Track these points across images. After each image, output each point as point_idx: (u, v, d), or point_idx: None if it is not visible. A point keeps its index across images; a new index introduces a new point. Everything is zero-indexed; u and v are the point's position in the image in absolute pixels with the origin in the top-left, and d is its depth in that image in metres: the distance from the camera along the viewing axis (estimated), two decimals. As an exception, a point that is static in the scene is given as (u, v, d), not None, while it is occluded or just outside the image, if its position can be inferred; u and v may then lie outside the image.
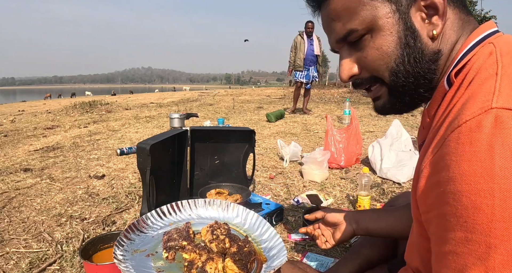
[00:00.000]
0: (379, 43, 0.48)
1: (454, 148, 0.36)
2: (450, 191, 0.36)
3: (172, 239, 0.58)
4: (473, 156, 0.34)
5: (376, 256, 1.02)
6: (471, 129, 0.36)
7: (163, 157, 1.56)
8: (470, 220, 0.34)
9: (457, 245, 0.36)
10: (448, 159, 0.37)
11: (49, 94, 27.54)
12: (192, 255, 0.55)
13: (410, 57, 0.48)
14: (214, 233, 0.59)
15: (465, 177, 0.35)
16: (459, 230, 0.35)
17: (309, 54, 5.30)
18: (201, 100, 9.76)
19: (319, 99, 9.20)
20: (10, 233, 1.52)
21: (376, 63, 0.50)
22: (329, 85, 15.93)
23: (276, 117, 4.91)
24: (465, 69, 0.44)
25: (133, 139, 3.72)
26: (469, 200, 0.34)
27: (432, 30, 0.47)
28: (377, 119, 4.80)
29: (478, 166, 0.34)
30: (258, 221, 0.69)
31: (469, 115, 0.37)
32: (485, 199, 0.33)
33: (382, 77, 0.51)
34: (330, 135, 2.42)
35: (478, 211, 0.34)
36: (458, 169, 0.35)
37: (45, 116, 6.39)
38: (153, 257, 0.57)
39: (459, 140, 0.36)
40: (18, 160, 2.86)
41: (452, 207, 0.36)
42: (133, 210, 1.76)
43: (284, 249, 0.61)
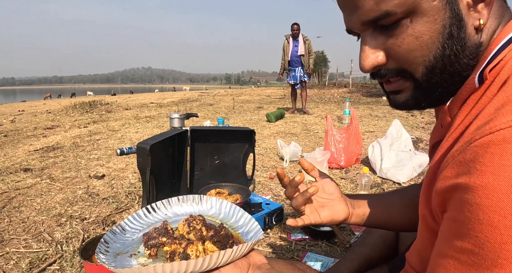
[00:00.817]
0: (420, 31, 0.41)
1: (481, 156, 0.33)
2: (467, 201, 0.33)
3: (152, 237, 0.59)
4: (501, 169, 0.31)
5: (376, 256, 1.02)
6: (505, 140, 0.31)
7: (163, 157, 1.56)
8: (482, 236, 0.32)
9: (463, 253, 0.34)
10: (472, 166, 0.33)
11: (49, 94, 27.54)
12: (173, 246, 0.56)
13: (452, 50, 0.41)
14: (191, 225, 0.61)
15: (486, 190, 0.31)
16: (467, 241, 0.33)
17: (293, 55, 5.43)
18: (201, 100, 9.76)
19: (319, 99, 9.21)
20: (10, 233, 1.52)
21: (411, 54, 0.42)
22: (329, 85, 15.94)
23: (276, 117, 4.91)
24: (498, 66, 0.39)
25: (133, 139, 3.72)
26: (485, 216, 0.31)
27: (478, 19, 0.41)
28: (377, 120, 4.80)
29: (505, 181, 0.30)
30: (232, 209, 0.71)
31: (505, 124, 0.32)
32: (504, 219, 0.30)
33: (413, 71, 0.44)
34: (330, 135, 2.42)
35: (493, 229, 0.31)
36: (480, 180, 0.32)
37: (45, 116, 6.39)
38: (136, 256, 0.58)
39: (488, 148, 0.32)
40: (18, 160, 2.86)
41: (465, 217, 0.33)
42: (133, 210, 1.76)
43: (260, 231, 0.62)
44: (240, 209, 0.70)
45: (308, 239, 1.42)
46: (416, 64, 0.43)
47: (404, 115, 5.20)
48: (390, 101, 0.50)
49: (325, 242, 1.39)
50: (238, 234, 0.64)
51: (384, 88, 0.50)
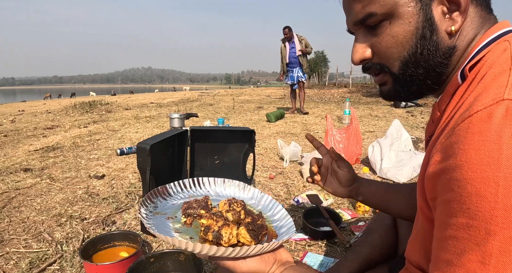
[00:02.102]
0: (396, 31, 0.48)
1: (463, 137, 0.37)
2: (456, 178, 0.36)
3: (191, 207, 0.62)
4: (481, 144, 0.35)
5: (376, 256, 1.02)
6: (482, 119, 0.36)
7: (163, 157, 1.56)
8: (473, 206, 0.35)
9: (458, 230, 0.36)
10: (456, 147, 0.37)
11: (49, 94, 27.56)
12: (209, 221, 0.58)
13: (424, 49, 0.48)
14: (231, 206, 0.63)
15: (471, 164, 0.35)
16: (461, 216, 0.36)
17: (291, 56, 5.52)
18: (201, 100, 9.76)
19: (319, 99, 9.21)
20: (10, 233, 1.52)
21: (389, 51, 0.50)
22: (329, 85, 15.94)
23: (276, 117, 4.91)
24: (479, 64, 0.44)
25: (133, 139, 3.72)
26: (473, 187, 0.35)
27: (451, 26, 0.47)
28: (377, 120, 4.80)
29: (485, 154, 0.34)
30: (271, 203, 0.73)
31: (480, 106, 0.37)
32: (489, 187, 0.34)
33: (391, 65, 0.51)
34: (330, 135, 2.42)
35: (481, 198, 0.34)
36: (465, 157, 0.36)
37: (45, 116, 6.39)
38: (172, 220, 0.61)
39: (468, 129, 0.37)
40: (18, 160, 2.86)
41: (456, 194, 0.36)
42: (133, 210, 1.76)
43: (293, 227, 0.64)
44: (278, 204, 0.72)
45: (308, 239, 1.42)
46: (393, 60, 0.50)
47: (404, 115, 5.20)
48: (379, 92, 0.58)
49: (325, 242, 1.39)
50: (272, 227, 0.66)
51: None
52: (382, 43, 0.50)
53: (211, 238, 0.55)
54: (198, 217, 0.61)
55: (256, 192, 0.77)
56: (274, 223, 0.67)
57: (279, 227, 0.66)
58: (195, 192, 0.74)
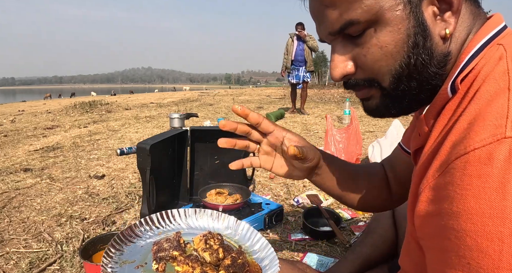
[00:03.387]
0: (384, 41, 0.40)
1: (460, 179, 0.32)
2: (453, 227, 0.32)
3: (162, 249, 0.56)
4: (481, 192, 0.30)
5: (376, 256, 1.02)
6: (480, 161, 0.31)
7: (163, 157, 1.56)
8: (474, 262, 0.31)
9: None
10: (451, 190, 0.33)
11: (49, 94, 27.55)
12: (185, 267, 0.53)
13: (418, 59, 0.41)
14: (208, 243, 0.58)
15: (471, 215, 0.31)
16: (460, 270, 0.32)
17: (298, 54, 5.35)
18: (201, 100, 9.76)
19: (319, 99, 9.21)
20: (10, 233, 1.52)
21: (377, 64, 0.42)
22: (329, 85, 15.94)
23: (276, 117, 4.91)
24: (471, 75, 0.39)
25: (133, 139, 3.72)
26: (474, 242, 0.31)
27: (444, 28, 0.41)
28: (377, 120, 4.80)
29: (487, 205, 0.30)
30: (249, 232, 0.68)
31: (478, 143, 0.32)
32: (493, 244, 0.30)
33: (380, 80, 0.44)
34: (330, 136, 2.42)
35: (483, 255, 0.30)
36: (463, 205, 0.32)
37: (45, 116, 6.39)
38: (143, 268, 0.55)
39: (465, 170, 0.32)
40: (18, 160, 2.86)
41: (454, 245, 0.33)
42: (133, 210, 1.76)
43: (276, 259, 0.59)
44: (257, 232, 0.67)
45: (308, 239, 1.42)
46: (382, 74, 0.43)
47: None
48: (363, 108, 0.50)
49: (325, 242, 1.39)
50: (253, 259, 0.61)
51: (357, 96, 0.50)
52: (367, 55, 0.42)
53: None
54: (171, 260, 0.55)
55: (231, 220, 0.70)
56: (254, 255, 0.62)
57: (261, 259, 0.61)
58: (165, 227, 0.67)
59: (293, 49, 5.35)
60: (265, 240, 0.65)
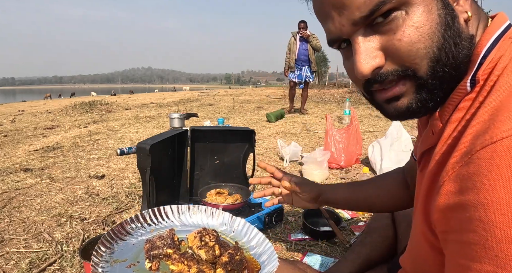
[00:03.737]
0: (420, 21, 0.38)
1: (487, 169, 0.31)
2: (479, 219, 0.32)
3: (155, 247, 0.53)
4: (511, 182, 0.30)
5: (376, 256, 1.02)
6: (510, 150, 0.30)
7: (163, 157, 1.56)
8: (503, 255, 0.30)
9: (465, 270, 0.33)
10: (478, 181, 0.32)
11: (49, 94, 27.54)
12: (180, 266, 0.51)
13: (451, 40, 0.38)
14: (203, 240, 0.56)
15: (500, 205, 0.30)
16: (487, 263, 0.31)
17: (301, 54, 5.26)
18: (201, 100, 9.76)
19: (319, 99, 9.21)
20: (10, 233, 1.52)
21: (414, 47, 0.38)
22: (329, 85, 15.94)
23: (276, 117, 4.91)
24: (487, 68, 0.38)
25: (133, 139, 3.72)
26: (503, 233, 0.30)
27: (464, 11, 0.40)
28: (377, 120, 4.80)
29: None
30: (245, 227, 0.66)
31: (506, 132, 0.31)
32: None
33: (417, 66, 0.39)
34: (330, 136, 2.42)
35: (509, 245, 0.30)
36: (491, 196, 0.31)
37: (45, 116, 6.39)
38: (135, 267, 0.52)
39: (493, 160, 0.31)
40: (18, 160, 2.86)
41: (480, 237, 0.32)
42: (133, 210, 1.76)
43: (274, 254, 0.57)
44: (253, 228, 0.65)
45: (308, 239, 1.42)
46: (420, 58, 0.39)
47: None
48: (387, 112, 0.45)
49: (325, 242, 1.39)
50: (251, 255, 0.59)
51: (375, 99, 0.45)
52: (403, 38, 0.38)
53: None
54: (165, 258, 0.52)
55: (226, 216, 0.68)
56: (252, 251, 0.60)
57: (259, 255, 0.59)
58: (158, 225, 0.64)
59: (296, 48, 5.26)
60: (262, 235, 0.63)
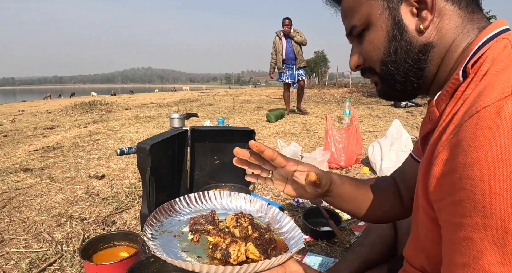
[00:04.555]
0: (372, 37, 0.54)
1: (472, 134, 0.36)
2: (467, 176, 0.35)
3: (198, 223, 0.62)
4: (492, 141, 0.34)
5: (376, 256, 1.02)
6: (491, 115, 0.35)
7: (163, 157, 1.56)
8: (488, 205, 0.33)
9: (473, 231, 0.35)
10: (465, 145, 0.36)
11: (49, 94, 27.55)
12: (217, 238, 0.59)
13: (397, 48, 0.52)
14: (238, 221, 0.63)
15: (483, 162, 0.34)
16: (475, 216, 0.35)
17: (289, 52, 5.10)
18: (201, 100, 9.76)
19: (319, 99, 9.21)
20: (10, 233, 1.53)
21: (369, 55, 0.56)
22: (329, 85, 15.95)
23: (276, 117, 4.91)
24: (479, 61, 0.44)
25: (133, 139, 3.72)
26: (487, 185, 0.33)
27: (419, 24, 0.50)
28: (377, 120, 4.80)
29: (498, 151, 0.33)
30: (279, 215, 0.72)
31: (488, 101, 0.36)
32: (504, 184, 0.33)
33: (374, 67, 0.57)
34: (330, 136, 2.42)
35: (496, 196, 0.33)
36: (476, 154, 0.35)
37: (45, 116, 6.39)
38: (179, 238, 0.61)
39: (477, 125, 0.36)
40: (18, 160, 2.86)
41: (468, 193, 0.35)
42: (133, 210, 1.76)
43: (302, 238, 0.64)
44: (286, 216, 0.71)
45: (308, 239, 1.42)
46: (374, 62, 0.56)
47: (404, 115, 5.20)
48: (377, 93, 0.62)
49: (325, 242, 1.39)
50: (281, 238, 0.65)
51: None
52: (364, 49, 0.57)
53: (219, 256, 0.55)
54: (205, 233, 0.61)
55: (263, 204, 0.75)
56: (282, 236, 0.66)
57: (288, 239, 0.65)
58: (201, 206, 0.73)
59: (283, 47, 5.08)
60: (294, 224, 0.69)
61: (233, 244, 0.56)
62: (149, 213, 1.40)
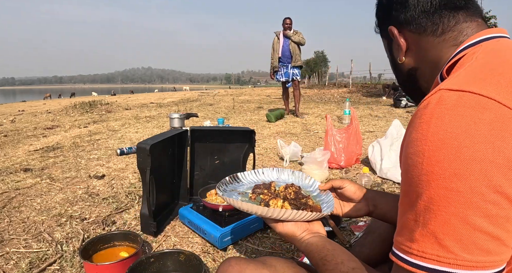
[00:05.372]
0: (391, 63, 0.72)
1: (411, 121, 0.46)
2: (405, 154, 0.46)
3: (259, 187, 0.81)
4: (418, 126, 0.44)
5: (376, 256, 1.02)
6: (423, 107, 0.45)
7: (163, 157, 1.56)
8: (409, 175, 0.44)
9: (402, 197, 0.46)
10: (416, 122, 0.45)
11: (49, 94, 27.54)
12: (266, 197, 0.76)
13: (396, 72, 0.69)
14: (287, 189, 0.81)
15: (411, 142, 0.44)
16: (403, 184, 0.46)
17: (285, 50, 5.04)
18: (201, 100, 9.76)
19: (319, 99, 9.21)
20: (10, 233, 1.53)
21: None
22: (329, 85, 15.95)
23: (276, 117, 4.91)
24: (456, 65, 0.52)
25: (133, 139, 3.72)
26: (410, 160, 0.44)
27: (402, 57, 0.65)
28: (377, 120, 4.80)
29: (419, 133, 0.43)
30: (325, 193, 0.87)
31: (427, 96, 0.46)
32: (418, 158, 0.42)
33: None
34: (330, 136, 2.42)
35: (413, 168, 0.43)
36: (409, 137, 0.45)
37: (45, 116, 6.39)
38: (242, 195, 0.82)
39: (415, 115, 0.46)
40: (18, 160, 2.86)
41: (404, 165, 0.45)
42: (133, 210, 1.76)
43: (333, 203, 0.81)
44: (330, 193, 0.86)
45: (308, 239, 1.42)
46: None
47: (404, 115, 5.20)
48: None
49: (325, 242, 1.39)
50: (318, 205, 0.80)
51: None
52: None
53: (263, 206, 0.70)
54: (262, 195, 0.78)
55: (315, 182, 0.91)
56: (319, 199, 0.84)
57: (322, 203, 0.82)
58: (264, 177, 0.94)
59: (280, 46, 5.05)
60: (333, 198, 0.85)
61: (272, 199, 0.75)
62: (149, 213, 1.41)
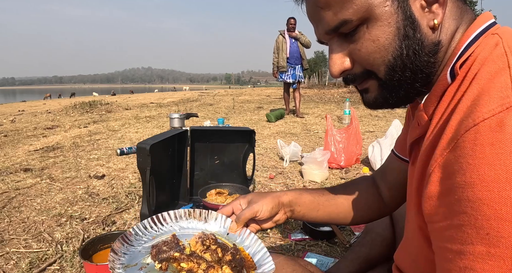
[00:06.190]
0: (376, 35, 0.43)
1: (471, 150, 0.32)
2: (467, 199, 0.31)
3: (162, 251, 0.58)
4: (495, 158, 0.30)
5: (375, 256, 1.02)
6: (492, 129, 0.31)
7: (163, 157, 1.56)
8: (493, 232, 0.29)
9: (476, 260, 0.31)
10: (464, 162, 0.32)
11: (49, 94, 27.53)
12: (190, 264, 0.56)
13: (409, 49, 0.43)
14: (204, 244, 0.60)
15: (486, 182, 0.30)
16: (479, 243, 0.30)
17: (294, 51, 5.03)
18: (201, 100, 9.76)
19: (319, 99, 9.21)
20: (10, 233, 1.53)
21: (371, 57, 0.44)
22: (329, 85, 15.95)
23: (276, 117, 4.91)
24: (468, 61, 0.40)
25: (133, 139, 3.72)
26: (491, 209, 0.29)
27: (432, 19, 0.42)
28: (377, 120, 4.80)
29: (502, 170, 0.29)
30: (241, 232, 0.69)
31: (487, 113, 0.32)
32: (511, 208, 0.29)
33: (376, 71, 0.45)
34: (330, 136, 2.42)
35: (503, 222, 0.29)
36: (477, 174, 0.31)
37: (45, 116, 6.39)
38: (146, 269, 0.56)
39: (476, 140, 0.32)
40: (18, 160, 2.86)
41: (470, 217, 0.31)
42: (133, 210, 1.76)
43: (267, 254, 0.62)
44: (246, 229, 0.69)
45: (308, 239, 1.42)
46: (378, 65, 0.45)
47: (404, 115, 5.20)
48: (363, 101, 0.51)
49: (325, 242, 1.39)
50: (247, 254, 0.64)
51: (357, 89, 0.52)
52: (362, 49, 0.44)
53: None
54: (172, 261, 0.57)
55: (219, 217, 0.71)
56: (246, 250, 0.65)
57: (253, 254, 0.64)
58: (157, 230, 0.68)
59: (287, 46, 4.99)
60: (255, 236, 0.67)
61: (210, 269, 0.55)
62: (149, 213, 1.41)
